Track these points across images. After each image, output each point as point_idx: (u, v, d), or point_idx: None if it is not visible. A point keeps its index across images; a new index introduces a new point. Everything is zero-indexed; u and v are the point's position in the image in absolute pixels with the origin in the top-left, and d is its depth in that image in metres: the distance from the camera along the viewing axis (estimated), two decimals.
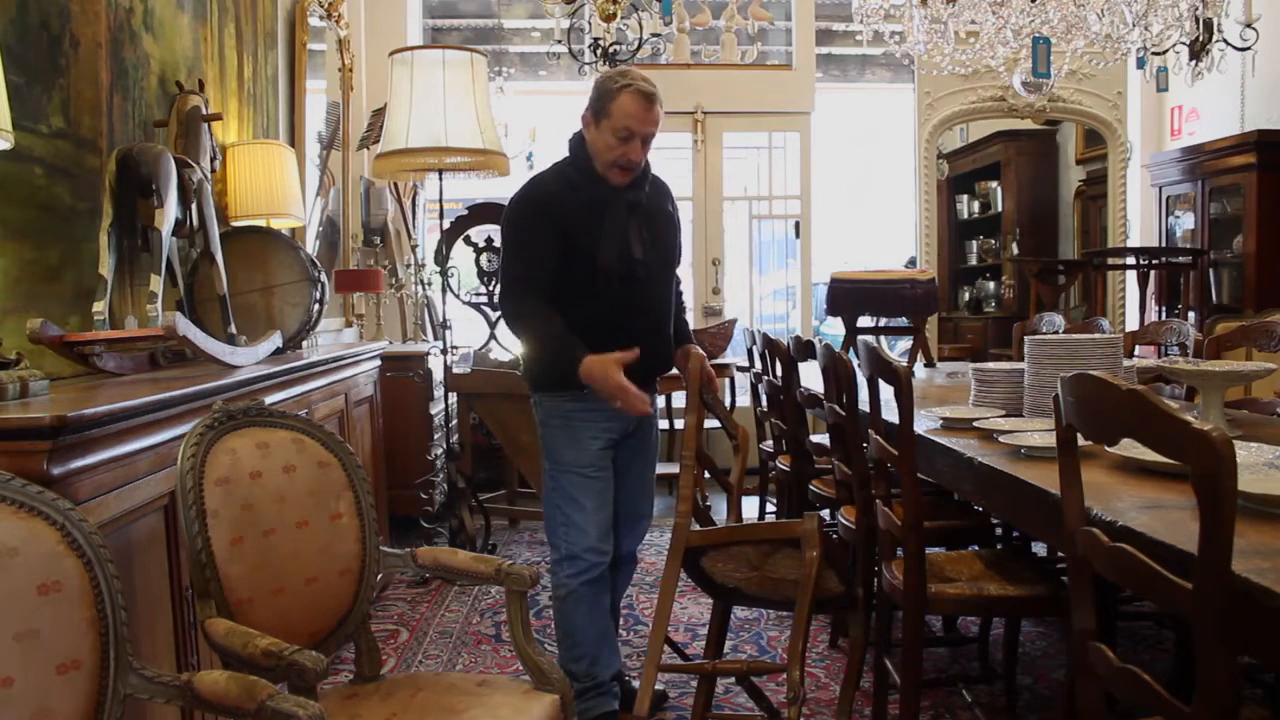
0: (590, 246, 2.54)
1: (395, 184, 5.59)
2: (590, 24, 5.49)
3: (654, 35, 5.49)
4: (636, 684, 2.58)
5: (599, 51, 5.46)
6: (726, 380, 5.44)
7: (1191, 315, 5.64)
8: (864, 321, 5.10)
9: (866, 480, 2.63)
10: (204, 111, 2.97)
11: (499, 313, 4.40)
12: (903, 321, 5.20)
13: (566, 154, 2.68)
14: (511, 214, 2.64)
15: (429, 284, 5.61)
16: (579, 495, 2.60)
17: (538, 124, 6.43)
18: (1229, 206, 5.65)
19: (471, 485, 4.49)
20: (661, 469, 3.49)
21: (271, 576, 1.84)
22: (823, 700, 2.90)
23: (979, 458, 2.22)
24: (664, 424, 5.76)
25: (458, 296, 4.41)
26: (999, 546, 3.03)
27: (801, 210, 6.55)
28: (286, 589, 1.86)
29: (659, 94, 2.58)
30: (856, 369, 2.73)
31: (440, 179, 4.16)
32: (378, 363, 4.01)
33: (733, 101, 6.42)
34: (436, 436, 4.90)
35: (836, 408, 2.80)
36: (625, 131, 2.52)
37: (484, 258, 4.42)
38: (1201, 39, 4.77)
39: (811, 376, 3.67)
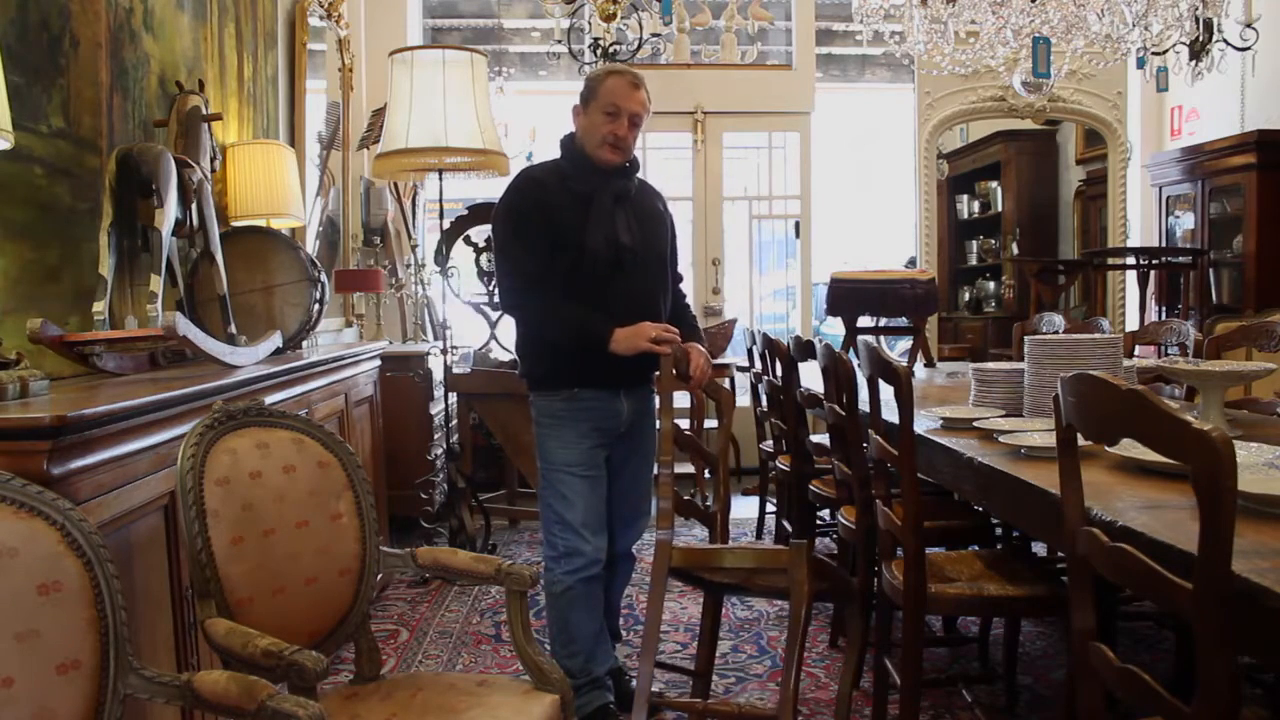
0: (579, 235, 2.61)
1: (395, 184, 5.59)
2: (590, 24, 5.49)
3: (654, 35, 5.50)
4: (635, 684, 2.58)
5: (599, 51, 5.46)
6: (726, 380, 5.42)
7: (1192, 315, 5.64)
8: (864, 321, 5.09)
9: (866, 480, 2.63)
10: (204, 111, 2.97)
11: (499, 313, 4.40)
12: (903, 321, 5.20)
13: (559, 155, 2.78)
14: (509, 210, 2.70)
15: (429, 284, 5.61)
16: (569, 494, 2.63)
17: (538, 124, 6.43)
18: (1229, 206, 5.65)
19: (471, 485, 4.49)
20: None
21: (271, 576, 1.84)
22: (823, 700, 2.90)
23: (979, 458, 2.23)
24: None
25: (458, 296, 4.41)
26: (999, 546, 3.03)
27: (801, 210, 6.55)
28: (286, 589, 1.86)
29: (644, 83, 2.71)
30: (856, 369, 2.73)
31: (440, 179, 4.16)
32: (378, 363, 4.01)
33: (733, 101, 6.42)
34: (436, 436, 4.89)
35: (836, 408, 2.80)
36: (612, 107, 2.63)
37: (484, 258, 4.42)
38: (1201, 39, 4.77)
39: (811, 376, 3.67)
